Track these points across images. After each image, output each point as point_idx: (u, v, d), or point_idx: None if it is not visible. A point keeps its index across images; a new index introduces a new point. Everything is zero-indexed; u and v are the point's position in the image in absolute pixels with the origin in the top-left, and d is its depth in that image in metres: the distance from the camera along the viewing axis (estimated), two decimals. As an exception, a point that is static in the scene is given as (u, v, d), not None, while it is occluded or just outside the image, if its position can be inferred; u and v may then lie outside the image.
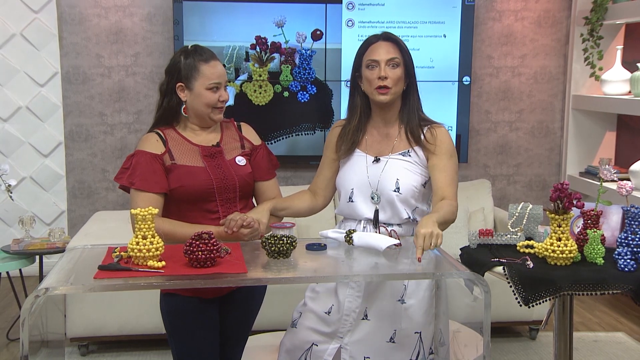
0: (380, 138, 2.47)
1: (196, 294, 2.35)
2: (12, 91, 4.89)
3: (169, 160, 2.36)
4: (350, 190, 2.45)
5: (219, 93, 2.38)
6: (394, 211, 2.40)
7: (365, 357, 2.38)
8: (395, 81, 2.38)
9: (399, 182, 2.38)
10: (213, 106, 2.38)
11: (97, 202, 5.09)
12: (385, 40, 2.42)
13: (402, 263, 2.18)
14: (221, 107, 2.41)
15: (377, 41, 2.42)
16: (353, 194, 2.43)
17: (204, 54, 2.38)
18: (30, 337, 1.83)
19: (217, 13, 4.83)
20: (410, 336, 2.38)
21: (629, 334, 4.15)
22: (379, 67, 2.37)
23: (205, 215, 2.37)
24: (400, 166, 2.41)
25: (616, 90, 4.70)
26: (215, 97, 2.37)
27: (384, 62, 2.37)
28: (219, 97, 2.38)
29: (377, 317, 2.38)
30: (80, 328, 3.69)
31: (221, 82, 2.39)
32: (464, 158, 5.21)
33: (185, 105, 2.41)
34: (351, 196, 2.44)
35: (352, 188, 2.44)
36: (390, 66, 2.38)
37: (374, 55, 2.39)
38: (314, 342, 2.44)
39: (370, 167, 2.43)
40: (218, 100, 2.38)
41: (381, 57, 2.37)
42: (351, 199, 2.44)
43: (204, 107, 2.38)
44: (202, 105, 2.38)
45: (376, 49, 2.40)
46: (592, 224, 2.38)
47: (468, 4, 4.99)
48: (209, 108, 2.38)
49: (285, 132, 5.01)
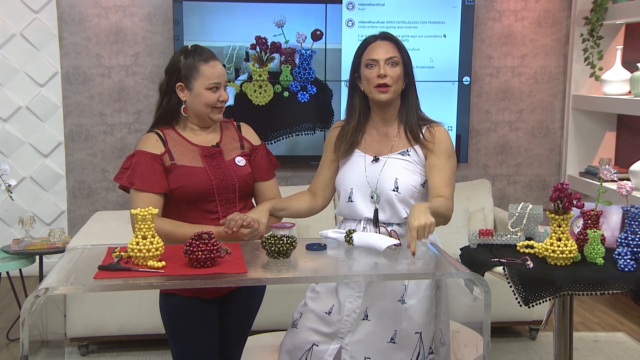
0: (379, 138, 2.47)
1: (196, 294, 2.35)
2: (12, 91, 4.89)
3: (169, 161, 2.36)
4: (349, 190, 2.45)
5: (218, 93, 2.38)
6: (393, 211, 2.40)
7: (366, 357, 2.38)
8: (395, 79, 2.38)
9: (397, 181, 2.38)
10: (212, 106, 2.39)
11: (97, 202, 5.09)
12: (384, 40, 2.43)
13: (402, 263, 2.18)
14: (220, 107, 2.41)
15: (376, 41, 2.43)
16: (352, 194, 2.44)
17: (203, 54, 2.39)
18: (30, 337, 1.83)
19: (217, 13, 4.83)
20: (410, 336, 2.38)
21: (629, 334, 4.15)
22: (378, 65, 2.38)
23: (204, 215, 2.37)
24: (399, 166, 2.41)
25: (616, 90, 4.70)
26: (215, 97, 2.38)
27: (383, 61, 2.38)
28: (218, 97, 2.38)
29: (378, 317, 2.38)
30: (80, 328, 3.69)
31: (221, 82, 2.39)
32: (464, 158, 5.21)
33: (185, 105, 2.41)
34: (350, 196, 2.44)
35: (351, 188, 2.44)
36: (390, 65, 2.38)
37: (373, 54, 2.40)
38: (314, 343, 2.44)
39: (369, 167, 2.44)
40: (217, 100, 2.38)
41: (380, 56, 2.38)
42: (350, 199, 2.44)
43: (203, 107, 2.38)
44: (201, 105, 2.38)
45: (375, 48, 2.41)
46: (592, 224, 2.38)
47: (468, 4, 4.99)
48: (208, 108, 2.38)
49: (285, 132, 5.01)
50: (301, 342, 2.47)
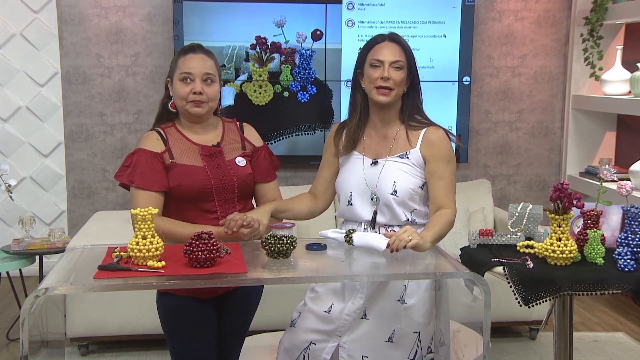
0: (378, 139, 2.47)
1: (192, 294, 2.35)
2: (12, 91, 4.89)
3: (169, 159, 2.36)
4: (349, 194, 2.45)
5: (191, 85, 2.35)
6: (392, 214, 2.40)
7: (364, 356, 2.39)
8: (398, 83, 2.38)
9: (396, 185, 2.38)
10: (185, 99, 2.36)
11: (97, 202, 5.09)
12: (392, 42, 2.41)
13: (402, 263, 2.18)
14: (197, 101, 2.35)
15: (384, 41, 2.42)
16: (352, 197, 2.44)
17: (188, 50, 2.39)
18: (30, 337, 1.83)
19: (217, 13, 4.83)
20: (408, 336, 2.39)
21: (629, 334, 4.15)
22: (383, 67, 2.37)
23: (203, 215, 2.37)
24: (397, 169, 2.40)
25: (616, 90, 4.70)
26: (187, 90, 2.34)
27: (388, 63, 2.37)
28: (191, 90, 2.34)
29: (377, 316, 2.38)
30: (80, 328, 3.69)
31: (192, 73, 2.34)
32: (464, 158, 5.21)
33: (173, 101, 2.43)
34: (350, 199, 2.44)
35: (350, 191, 2.44)
36: (394, 68, 2.37)
37: (379, 55, 2.39)
38: (312, 341, 2.44)
39: (368, 170, 2.43)
40: (190, 93, 2.34)
41: (386, 58, 2.37)
42: (350, 202, 2.44)
43: (178, 100, 2.38)
44: (176, 97, 2.39)
45: (382, 49, 2.39)
46: (592, 224, 2.38)
47: (468, 4, 4.99)
48: (182, 101, 2.36)
49: (285, 132, 5.01)
50: (299, 341, 2.47)
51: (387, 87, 2.36)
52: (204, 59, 2.38)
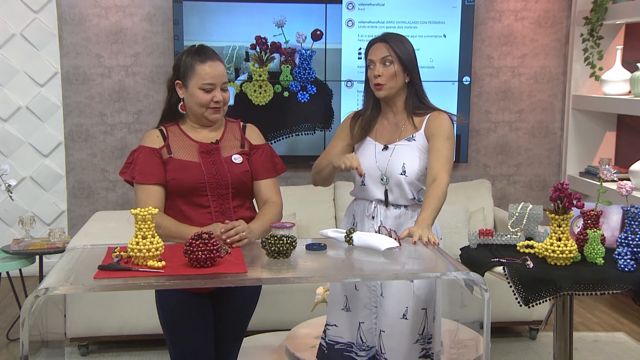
0: (390, 127, 2.66)
1: (189, 289, 2.37)
2: (12, 91, 4.89)
3: (167, 154, 2.41)
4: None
5: (212, 94, 2.40)
6: (401, 192, 2.58)
7: (382, 331, 2.58)
8: (389, 78, 2.57)
9: (405, 166, 2.57)
10: (206, 106, 2.41)
11: (97, 202, 5.09)
12: (380, 42, 2.62)
13: (402, 263, 2.19)
14: (216, 108, 2.42)
15: (375, 43, 2.64)
16: (365, 179, 2.63)
17: (202, 54, 2.41)
18: (30, 337, 1.83)
19: (217, 13, 4.83)
20: (418, 312, 2.56)
21: (629, 334, 4.15)
22: (375, 66, 2.59)
23: (197, 209, 2.40)
24: (406, 151, 2.59)
25: (616, 90, 4.70)
26: (208, 98, 2.40)
27: (379, 61, 2.58)
28: (212, 98, 2.40)
29: (391, 294, 2.56)
30: (80, 328, 3.69)
31: (215, 84, 2.39)
32: (464, 158, 5.21)
33: (183, 103, 2.44)
34: (364, 180, 2.64)
35: (364, 173, 2.60)
36: (383, 64, 2.57)
37: (371, 55, 2.62)
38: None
39: (379, 154, 2.62)
40: (211, 101, 2.40)
41: (375, 57, 2.59)
42: (363, 182, 2.65)
43: (196, 107, 2.41)
44: (195, 104, 2.41)
45: (372, 50, 2.62)
46: (592, 224, 2.38)
47: (468, 4, 4.99)
48: (202, 108, 2.41)
49: (285, 132, 5.01)
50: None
51: (379, 82, 2.57)
52: (221, 66, 2.44)
